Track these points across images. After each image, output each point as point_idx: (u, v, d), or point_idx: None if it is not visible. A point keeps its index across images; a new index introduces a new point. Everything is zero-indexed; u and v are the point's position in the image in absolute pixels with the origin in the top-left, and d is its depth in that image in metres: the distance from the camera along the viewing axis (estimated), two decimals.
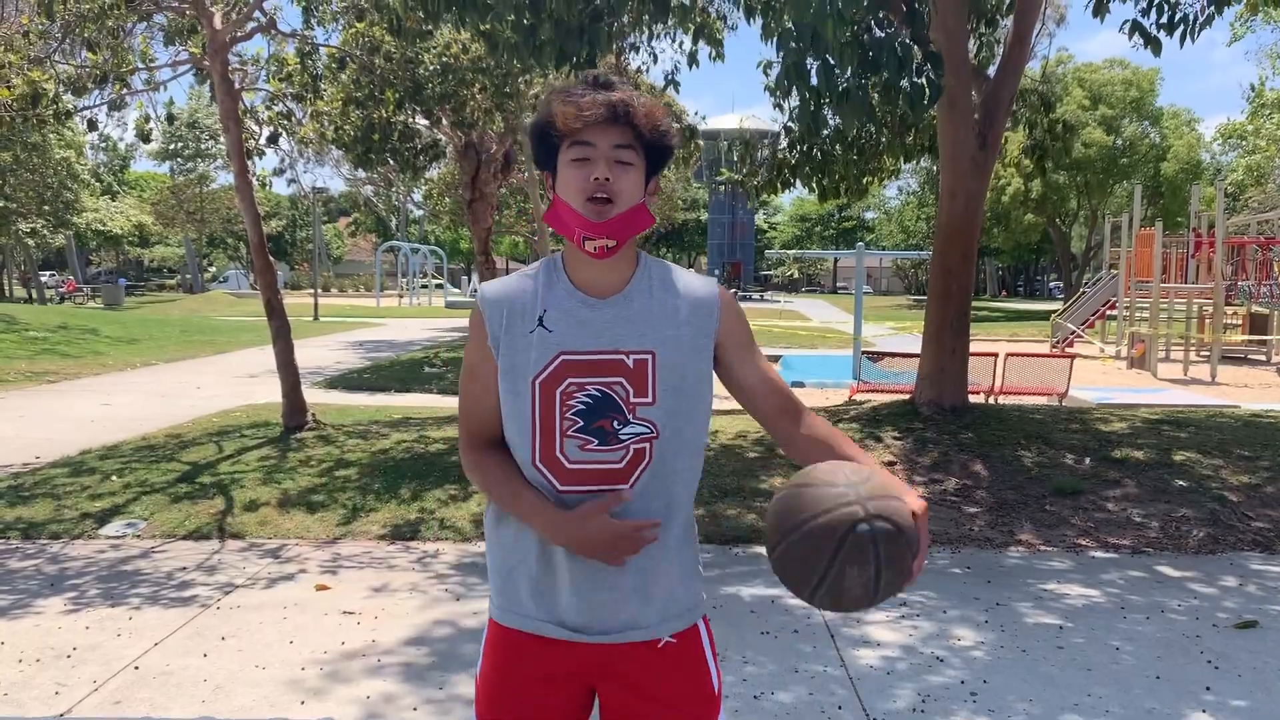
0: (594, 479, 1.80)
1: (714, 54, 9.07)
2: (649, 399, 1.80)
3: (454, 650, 4.26)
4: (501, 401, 1.85)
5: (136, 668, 4.05)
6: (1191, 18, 7.12)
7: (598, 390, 1.79)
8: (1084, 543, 5.90)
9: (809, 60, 6.21)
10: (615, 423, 1.79)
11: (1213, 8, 7.06)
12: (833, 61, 6.08)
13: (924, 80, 6.06)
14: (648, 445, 1.80)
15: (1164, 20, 7.11)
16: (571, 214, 1.77)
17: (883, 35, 6.12)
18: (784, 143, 10.01)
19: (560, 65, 7.48)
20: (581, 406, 1.79)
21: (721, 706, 1.93)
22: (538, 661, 1.85)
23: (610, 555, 1.77)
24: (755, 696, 3.79)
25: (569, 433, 1.79)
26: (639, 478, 1.80)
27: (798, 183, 10.20)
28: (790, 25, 6.23)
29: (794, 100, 6.81)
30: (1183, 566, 5.51)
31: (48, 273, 58.61)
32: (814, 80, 6.32)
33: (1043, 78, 10.41)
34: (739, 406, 1.98)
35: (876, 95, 6.31)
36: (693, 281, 1.90)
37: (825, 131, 9.13)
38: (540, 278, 1.87)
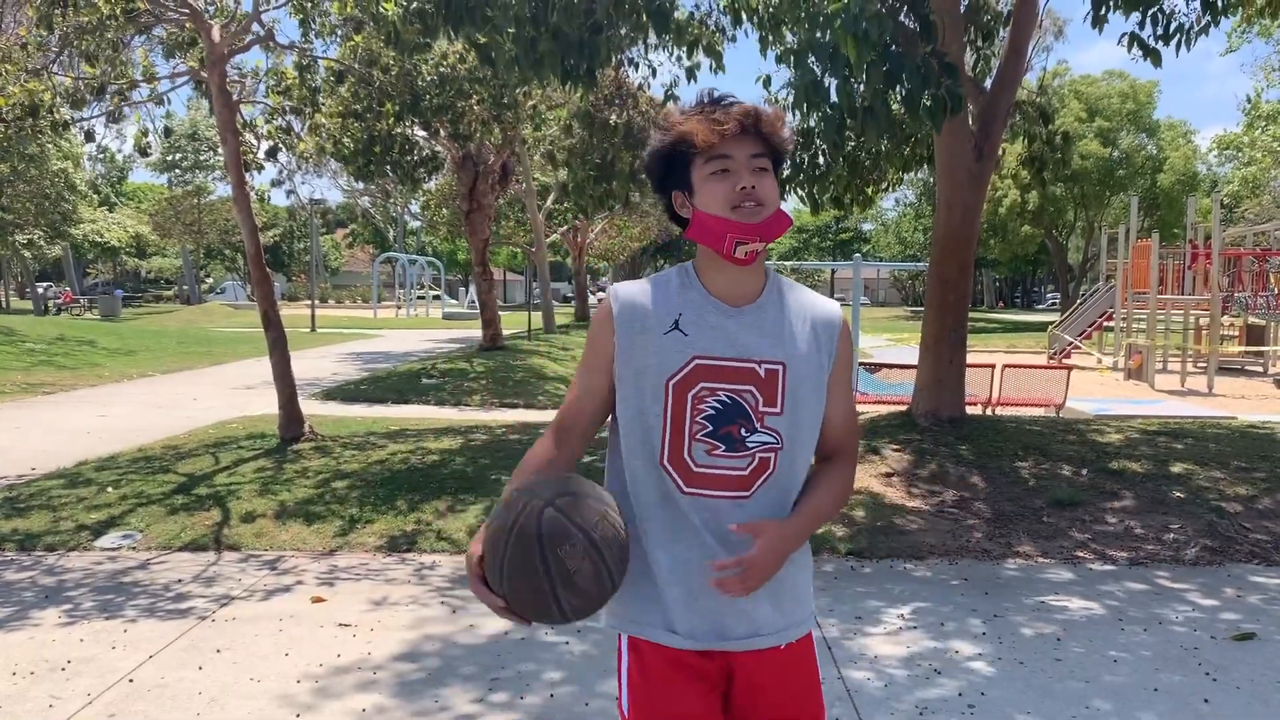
0: (718, 484, 1.84)
1: (714, 66, 9.09)
2: (777, 409, 1.84)
3: (449, 665, 4.25)
4: (627, 401, 1.87)
5: (131, 680, 4.03)
6: (1187, 27, 7.15)
7: (728, 396, 1.83)
8: (1082, 554, 5.89)
9: (827, 78, 6.23)
10: (743, 430, 1.83)
11: (1208, 17, 7.09)
12: (853, 79, 6.09)
13: (944, 92, 6.07)
14: (773, 455, 1.85)
15: (1161, 32, 7.14)
16: (721, 222, 1.81)
17: (899, 50, 6.12)
18: None
19: (565, 80, 7.49)
20: (711, 411, 1.82)
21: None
22: (681, 674, 1.88)
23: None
24: None
25: (698, 436, 1.83)
26: (761, 486, 1.85)
27: (791, 195, 10.21)
28: (795, 42, 6.25)
29: (812, 119, 6.80)
30: (1181, 578, 5.50)
31: (44, 284, 58.59)
32: (834, 98, 6.33)
33: (1040, 90, 10.39)
34: None
35: (903, 110, 6.31)
36: (819, 300, 1.96)
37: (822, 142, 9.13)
38: (674, 283, 1.91)
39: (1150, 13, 7.16)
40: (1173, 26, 7.13)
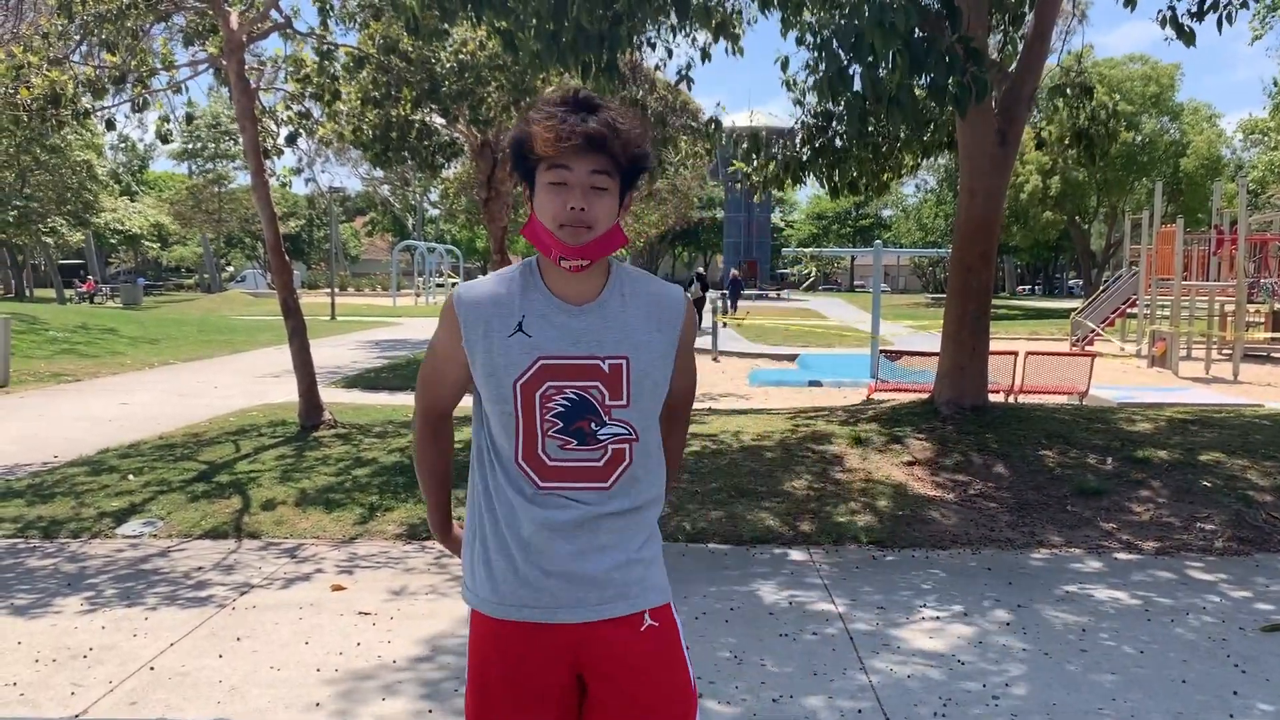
0: (574, 476, 1.89)
1: (731, 49, 9.00)
2: (624, 401, 1.90)
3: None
4: (485, 402, 1.94)
5: (152, 668, 4.03)
6: (1225, 2, 7.00)
7: (575, 393, 1.88)
8: (1107, 544, 5.83)
9: (853, 67, 6.15)
10: (593, 424, 1.89)
11: None
12: (878, 68, 6.01)
13: (969, 78, 5.98)
14: (627, 446, 1.91)
15: (1195, 9, 6.99)
16: (549, 235, 1.85)
17: (925, 37, 6.03)
18: (798, 139, 9.93)
19: (585, 75, 7.44)
20: (560, 409, 1.88)
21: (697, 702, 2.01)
22: (523, 647, 1.91)
23: None
24: (774, 700, 3.75)
25: (549, 433, 1.89)
26: (619, 478, 1.91)
27: (809, 179, 10.11)
28: (814, 23, 6.17)
29: (840, 105, 6.74)
30: (1208, 568, 5.43)
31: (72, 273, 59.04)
32: (858, 86, 6.26)
33: (1078, 66, 10.15)
34: (760, 407, 2.01)
35: (925, 97, 6.24)
36: (661, 289, 2.00)
37: (844, 126, 9.03)
38: (516, 282, 1.94)
39: None
40: (1207, 3, 6.98)
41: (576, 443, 1.88)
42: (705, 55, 8.74)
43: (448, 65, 11.16)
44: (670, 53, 9.74)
